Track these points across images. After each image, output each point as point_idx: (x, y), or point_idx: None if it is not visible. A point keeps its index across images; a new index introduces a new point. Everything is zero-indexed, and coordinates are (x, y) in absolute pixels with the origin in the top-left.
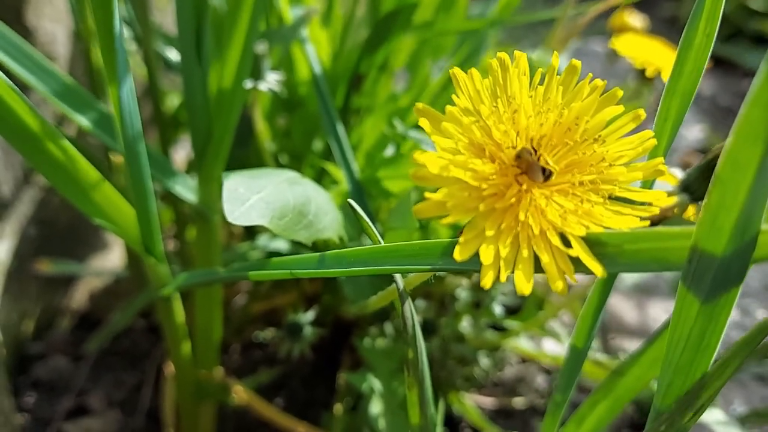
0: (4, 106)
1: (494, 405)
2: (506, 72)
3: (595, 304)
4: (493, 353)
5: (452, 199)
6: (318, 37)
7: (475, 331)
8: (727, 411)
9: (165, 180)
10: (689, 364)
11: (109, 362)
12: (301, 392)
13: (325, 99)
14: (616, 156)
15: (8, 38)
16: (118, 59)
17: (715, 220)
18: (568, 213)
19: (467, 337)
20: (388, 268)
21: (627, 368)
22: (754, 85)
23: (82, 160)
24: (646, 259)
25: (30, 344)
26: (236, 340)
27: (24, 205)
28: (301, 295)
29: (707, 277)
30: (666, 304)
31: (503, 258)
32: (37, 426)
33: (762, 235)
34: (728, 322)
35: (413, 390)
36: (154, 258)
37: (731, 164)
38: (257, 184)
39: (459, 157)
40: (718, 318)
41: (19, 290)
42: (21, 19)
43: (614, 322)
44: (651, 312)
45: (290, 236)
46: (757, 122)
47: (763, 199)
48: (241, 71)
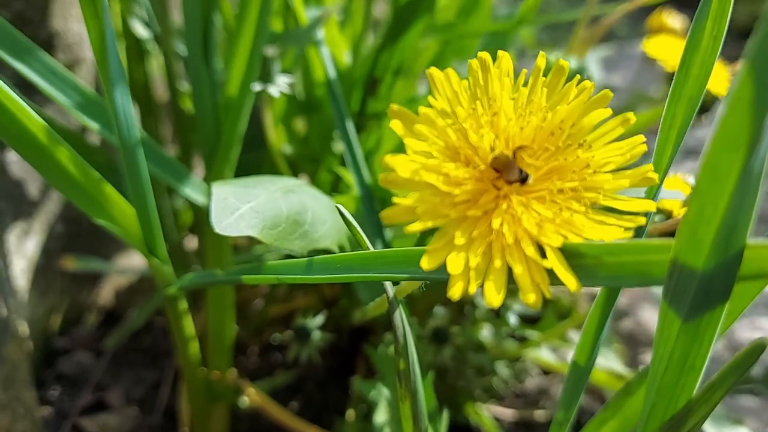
0: (5, 111)
1: (515, 417)
2: (487, 73)
3: (597, 319)
4: (513, 364)
5: (423, 204)
6: (335, 39)
7: (495, 340)
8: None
9: (175, 182)
10: (673, 386)
11: (130, 359)
12: (316, 396)
13: (339, 102)
14: (603, 162)
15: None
16: (110, 62)
17: (694, 233)
18: (545, 221)
19: (487, 346)
20: (370, 275)
21: (635, 387)
22: (732, 90)
23: (83, 163)
24: (628, 273)
25: (56, 339)
26: (255, 342)
27: (52, 203)
28: (320, 298)
29: (688, 293)
30: None
31: (473, 268)
32: (58, 419)
33: (748, 250)
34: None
35: (406, 402)
36: (157, 259)
37: (710, 173)
38: (249, 193)
39: (431, 160)
40: (702, 338)
41: (46, 286)
42: (48, 21)
43: (645, 335)
44: None
45: (284, 246)
46: (737, 129)
47: (747, 211)
48: (249, 73)
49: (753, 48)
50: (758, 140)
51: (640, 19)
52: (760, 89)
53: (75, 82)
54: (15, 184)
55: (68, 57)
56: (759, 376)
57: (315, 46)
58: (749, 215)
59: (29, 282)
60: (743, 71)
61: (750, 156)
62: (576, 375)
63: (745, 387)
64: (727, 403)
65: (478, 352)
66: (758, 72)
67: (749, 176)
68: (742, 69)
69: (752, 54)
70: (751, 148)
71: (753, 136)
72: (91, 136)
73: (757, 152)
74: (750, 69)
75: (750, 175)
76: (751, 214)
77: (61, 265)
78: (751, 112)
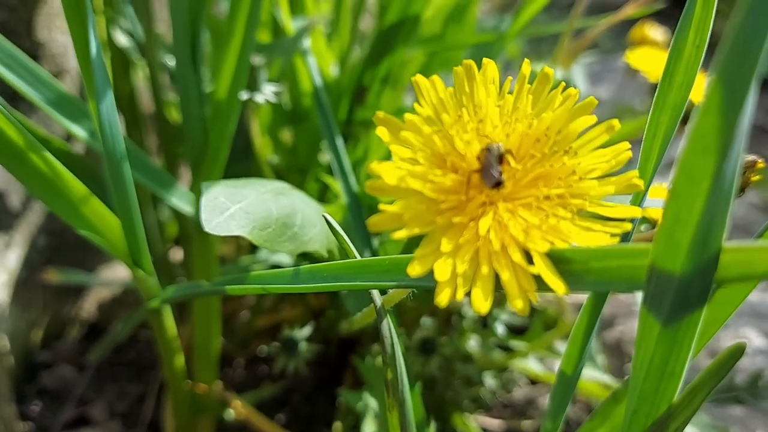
0: None
1: (502, 427)
2: (472, 80)
3: (584, 327)
4: (500, 374)
5: (409, 211)
6: (321, 49)
7: (482, 350)
8: None
9: (161, 191)
10: (654, 392)
11: (113, 372)
12: (303, 408)
13: (325, 111)
14: (588, 169)
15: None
16: (95, 73)
17: (671, 237)
18: (532, 228)
19: (474, 357)
20: (357, 283)
21: (622, 395)
22: (705, 92)
23: (66, 173)
24: (615, 278)
25: (38, 352)
26: (241, 354)
27: (34, 215)
28: (307, 309)
29: (666, 298)
30: None
31: (461, 274)
32: None
33: (724, 253)
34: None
35: (393, 412)
36: (141, 270)
37: (685, 177)
38: (239, 193)
39: (418, 167)
40: (682, 343)
41: (28, 300)
42: (33, 32)
43: (632, 345)
44: None
45: (273, 248)
46: (710, 132)
47: (721, 214)
48: (237, 82)
49: (722, 55)
50: (730, 144)
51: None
52: (730, 95)
53: (60, 89)
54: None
55: (52, 68)
56: (744, 384)
57: (302, 56)
58: (724, 218)
59: (10, 296)
60: (713, 78)
61: (722, 160)
62: (563, 383)
63: (730, 395)
64: (713, 412)
65: (465, 363)
66: (727, 79)
67: (723, 180)
68: (712, 76)
69: (722, 61)
70: (723, 152)
71: (724, 140)
72: (76, 146)
73: (730, 156)
74: (720, 76)
75: (723, 179)
76: (726, 217)
77: (43, 277)
78: (722, 118)
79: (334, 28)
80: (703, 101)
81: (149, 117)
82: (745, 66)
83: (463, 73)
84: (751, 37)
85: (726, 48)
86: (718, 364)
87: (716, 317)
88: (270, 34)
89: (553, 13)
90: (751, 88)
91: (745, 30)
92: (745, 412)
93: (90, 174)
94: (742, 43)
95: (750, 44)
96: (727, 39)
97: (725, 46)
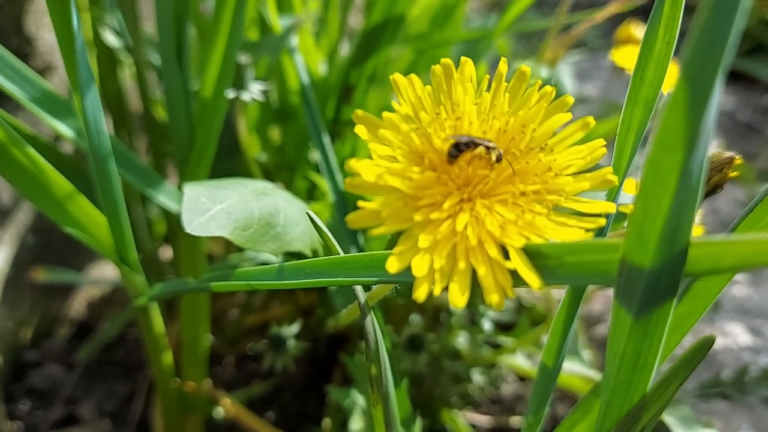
0: None
1: (491, 423)
2: (450, 78)
3: (563, 321)
4: (488, 370)
5: (387, 208)
6: (309, 47)
7: (471, 347)
8: None
9: (148, 189)
10: (627, 384)
11: (102, 372)
12: (293, 406)
13: (312, 109)
14: (564, 165)
15: None
16: (80, 70)
17: (641, 232)
18: (508, 224)
19: (463, 353)
20: (339, 279)
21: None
22: (671, 90)
23: (52, 170)
24: (588, 272)
25: (27, 352)
26: (231, 353)
27: (23, 213)
28: (296, 307)
29: (637, 291)
30: None
31: (438, 270)
32: None
33: (692, 248)
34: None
35: (378, 407)
36: (128, 267)
37: (652, 173)
38: (221, 194)
39: (396, 165)
40: (653, 336)
41: (17, 299)
42: (21, 29)
43: None
44: None
45: (256, 248)
46: (676, 129)
47: (689, 209)
48: (223, 79)
49: (687, 53)
50: (696, 141)
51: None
52: (695, 93)
53: (46, 88)
54: None
55: (40, 65)
56: (730, 379)
57: (289, 54)
58: (692, 214)
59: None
60: (679, 76)
61: (689, 156)
62: (545, 377)
63: (716, 390)
64: (698, 407)
65: (453, 360)
66: (692, 77)
67: (690, 176)
68: (677, 74)
69: (686, 59)
70: (690, 148)
71: (690, 137)
72: (65, 146)
73: (696, 153)
74: (685, 74)
75: (690, 175)
76: (694, 212)
77: (31, 276)
78: (688, 115)
79: (323, 25)
80: (669, 99)
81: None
82: (710, 64)
83: (441, 71)
84: (715, 35)
85: (690, 47)
86: (689, 356)
87: (693, 310)
88: (258, 31)
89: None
90: (716, 86)
91: (709, 28)
92: (729, 408)
93: (78, 172)
94: (707, 42)
95: (714, 43)
96: (692, 38)
97: (690, 44)
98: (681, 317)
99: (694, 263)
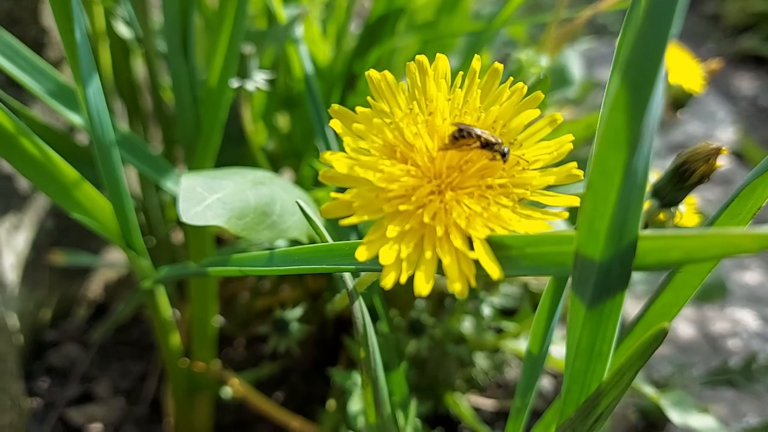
0: None
1: (495, 407)
2: (425, 75)
3: (547, 308)
4: (492, 355)
5: (359, 199)
6: (314, 36)
7: (475, 332)
8: (740, 422)
9: (156, 176)
10: (584, 371)
11: (118, 351)
12: (301, 387)
13: (315, 99)
14: (532, 160)
15: (5, 41)
16: (81, 60)
17: (591, 226)
18: (474, 215)
19: (468, 338)
20: (322, 266)
21: None
22: (610, 89)
23: (58, 159)
24: (547, 263)
25: (46, 332)
26: (242, 334)
27: (42, 198)
28: (305, 291)
29: (590, 282)
30: (683, 310)
31: (405, 259)
32: (46, 410)
33: (642, 241)
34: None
35: (368, 389)
36: (134, 252)
37: (599, 170)
38: (218, 184)
39: (368, 158)
40: (606, 325)
41: (37, 280)
42: (38, 20)
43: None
44: None
45: (252, 236)
46: (619, 128)
47: (636, 206)
48: (227, 68)
49: (624, 55)
50: (638, 141)
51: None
52: (635, 95)
53: (59, 79)
54: (5, 179)
55: (57, 54)
56: (737, 367)
57: (294, 44)
58: (639, 209)
59: (19, 276)
60: (617, 79)
61: (632, 155)
62: (531, 363)
63: (723, 378)
64: (704, 394)
65: (458, 344)
66: (632, 79)
67: (634, 173)
68: (615, 77)
69: (625, 62)
70: (632, 148)
71: (633, 137)
72: (81, 135)
73: (640, 152)
74: (624, 77)
75: (635, 173)
76: (641, 208)
77: (50, 259)
78: (629, 117)
79: (330, 12)
80: (610, 100)
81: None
82: (649, 67)
83: (415, 68)
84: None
85: (628, 49)
86: (645, 346)
87: (675, 300)
88: (266, 21)
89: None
90: (657, 88)
91: (647, 30)
92: (736, 395)
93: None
94: (645, 45)
95: (652, 45)
96: (629, 40)
97: (627, 47)
98: (664, 306)
99: (644, 256)
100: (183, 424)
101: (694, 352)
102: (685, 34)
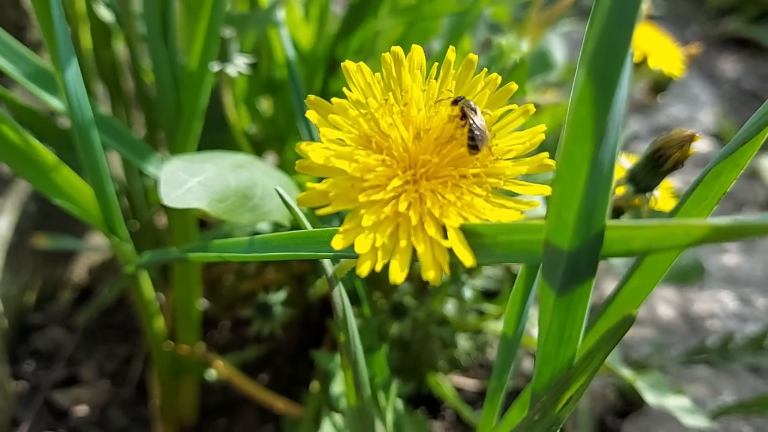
0: None
1: (477, 387)
2: (400, 66)
3: (521, 292)
4: (474, 336)
5: (335, 189)
6: (295, 20)
7: (458, 314)
8: (716, 401)
9: (137, 160)
10: (554, 355)
11: (103, 334)
12: (286, 369)
13: (297, 83)
14: (505, 150)
15: None
16: (59, 43)
17: (559, 216)
18: (448, 204)
19: (450, 320)
20: (301, 253)
21: None
22: (577, 82)
23: (37, 143)
24: (519, 251)
25: (31, 315)
26: (226, 317)
27: (24, 182)
28: (290, 274)
29: (559, 270)
30: (664, 291)
31: (380, 248)
32: (31, 393)
33: (608, 231)
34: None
35: (348, 372)
36: (117, 237)
37: (567, 162)
38: (198, 167)
39: (344, 148)
40: (576, 311)
41: (20, 264)
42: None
43: None
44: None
45: (233, 219)
46: (585, 121)
47: (603, 196)
48: (207, 53)
49: (590, 49)
50: (604, 133)
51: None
52: (600, 89)
53: (39, 63)
54: None
55: (38, 37)
56: (714, 346)
57: (275, 28)
58: (605, 199)
59: (2, 260)
60: (582, 72)
61: (598, 147)
62: (506, 345)
63: (700, 357)
64: (681, 373)
65: (441, 326)
66: (597, 73)
67: (601, 166)
68: (581, 70)
69: (590, 55)
70: (598, 140)
71: (599, 130)
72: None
73: (606, 144)
74: (589, 70)
75: (602, 165)
76: (607, 199)
77: (33, 243)
78: (595, 110)
79: None
80: (576, 93)
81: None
82: (614, 60)
83: (390, 59)
84: (618, 31)
85: (593, 42)
86: (612, 331)
87: (645, 284)
88: (248, 4)
89: None
90: (622, 81)
91: (612, 24)
92: (713, 374)
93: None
94: (609, 38)
95: (617, 39)
96: (594, 33)
97: (592, 40)
98: (635, 290)
99: (610, 245)
100: (168, 406)
101: (674, 332)
102: (669, 16)
